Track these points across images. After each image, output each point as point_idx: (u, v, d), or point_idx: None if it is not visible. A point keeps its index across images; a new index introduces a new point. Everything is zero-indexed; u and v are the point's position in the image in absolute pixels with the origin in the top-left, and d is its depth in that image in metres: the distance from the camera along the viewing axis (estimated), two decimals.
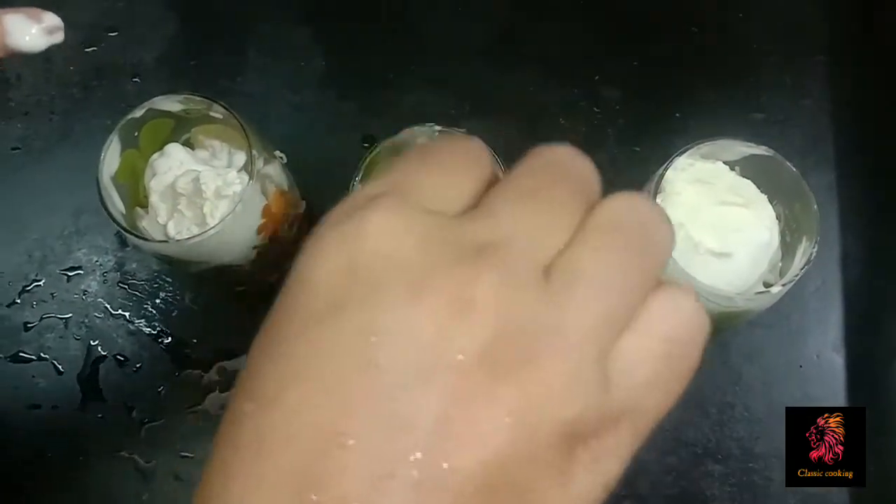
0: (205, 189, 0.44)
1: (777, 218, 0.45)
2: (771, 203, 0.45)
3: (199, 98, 0.45)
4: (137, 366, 0.55)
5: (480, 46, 0.63)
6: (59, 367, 0.56)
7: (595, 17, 0.63)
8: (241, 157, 0.47)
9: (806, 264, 0.41)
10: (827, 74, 0.61)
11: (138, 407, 0.55)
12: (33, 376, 0.56)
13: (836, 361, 0.54)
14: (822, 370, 0.54)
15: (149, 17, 0.64)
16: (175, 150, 0.46)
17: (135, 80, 0.62)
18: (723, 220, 0.44)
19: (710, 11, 0.63)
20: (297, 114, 0.61)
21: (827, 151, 0.59)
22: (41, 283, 0.58)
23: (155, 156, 0.46)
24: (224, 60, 0.63)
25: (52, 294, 0.57)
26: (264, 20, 0.64)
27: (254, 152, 0.44)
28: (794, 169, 0.42)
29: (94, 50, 0.64)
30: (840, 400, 0.53)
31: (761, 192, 0.46)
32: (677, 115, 0.60)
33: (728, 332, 0.53)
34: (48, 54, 0.63)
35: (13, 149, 0.61)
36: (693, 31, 0.62)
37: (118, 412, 0.54)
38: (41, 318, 0.57)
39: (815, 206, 0.41)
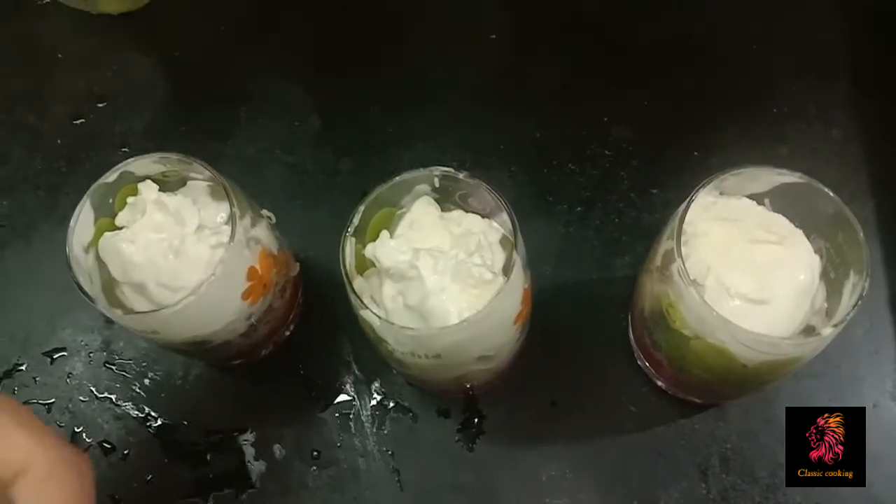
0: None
1: (818, 253, 0.40)
2: (810, 237, 0.41)
3: (175, 157, 0.42)
4: (125, 453, 0.51)
5: (481, 94, 0.60)
6: None
7: (601, 55, 0.60)
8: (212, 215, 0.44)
9: (858, 300, 0.36)
10: (853, 101, 0.57)
11: (125, 499, 0.50)
12: None
13: (895, 411, 0.48)
14: (882, 421, 0.48)
15: (138, 85, 0.62)
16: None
17: (123, 149, 0.60)
18: (756, 260, 0.40)
19: (723, 43, 0.60)
20: (292, 174, 0.58)
21: (862, 183, 0.55)
22: (24, 366, 0.54)
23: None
24: (215, 124, 0.60)
25: (34, 378, 0.53)
26: (255, 81, 0.61)
27: (234, 210, 0.40)
28: (834, 195, 0.38)
29: (82, 122, 0.61)
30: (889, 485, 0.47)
31: (796, 226, 0.41)
32: (696, 153, 0.56)
33: (770, 385, 0.47)
34: (36, 128, 0.62)
35: None
36: (707, 64, 0.59)
37: None
38: (23, 405, 0.53)
39: (862, 235, 0.37)
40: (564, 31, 0.61)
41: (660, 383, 0.49)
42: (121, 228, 0.43)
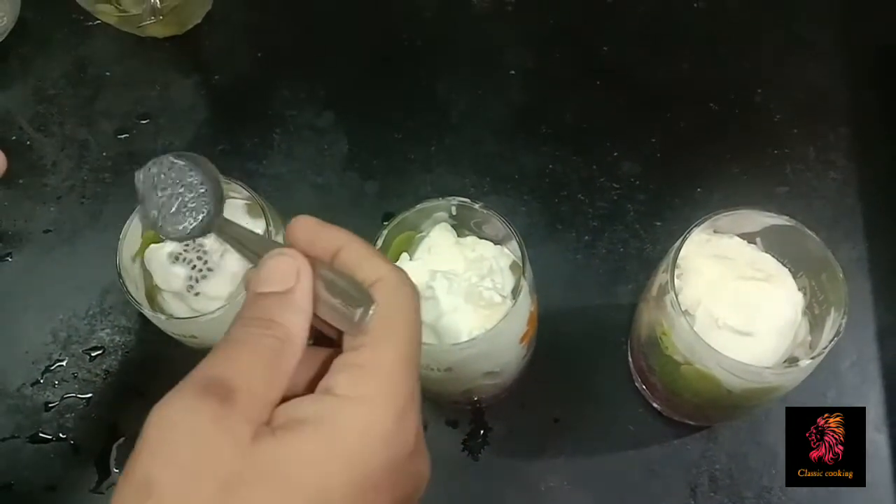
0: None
1: (802, 291, 0.43)
2: (796, 275, 0.44)
3: None
4: None
5: (499, 125, 0.64)
6: (77, 447, 0.55)
7: (613, 94, 0.64)
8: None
9: (835, 336, 0.39)
10: (851, 146, 0.60)
11: None
12: (51, 457, 0.55)
13: (879, 441, 0.51)
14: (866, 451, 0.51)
15: (180, 105, 0.67)
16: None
17: None
18: (744, 296, 0.43)
19: (730, 86, 0.63)
20: (320, 195, 0.62)
21: (856, 223, 0.58)
22: (64, 362, 0.58)
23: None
24: (251, 145, 0.64)
25: (74, 374, 0.58)
26: (289, 106, 0.66)
27: (270, 228, 0.44)
28: (818, 238, 0.41)
29: (126, 137, 0.66)
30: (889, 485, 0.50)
31: (785, 264, 0.44)
32: (699, 189, 0.60)
33: (759, 410, 0.51)
34: (85, 142, 0.66)
35: (45, 231, 0.62)
36: (712, 106, 0.62)
37: None
38: (62, 398, 0.57)
39: (842, 275, 0.40)
40: (580, 71, 0.65)
41: (655, 405, 0.52)
42: (164, 241, 0.47)
